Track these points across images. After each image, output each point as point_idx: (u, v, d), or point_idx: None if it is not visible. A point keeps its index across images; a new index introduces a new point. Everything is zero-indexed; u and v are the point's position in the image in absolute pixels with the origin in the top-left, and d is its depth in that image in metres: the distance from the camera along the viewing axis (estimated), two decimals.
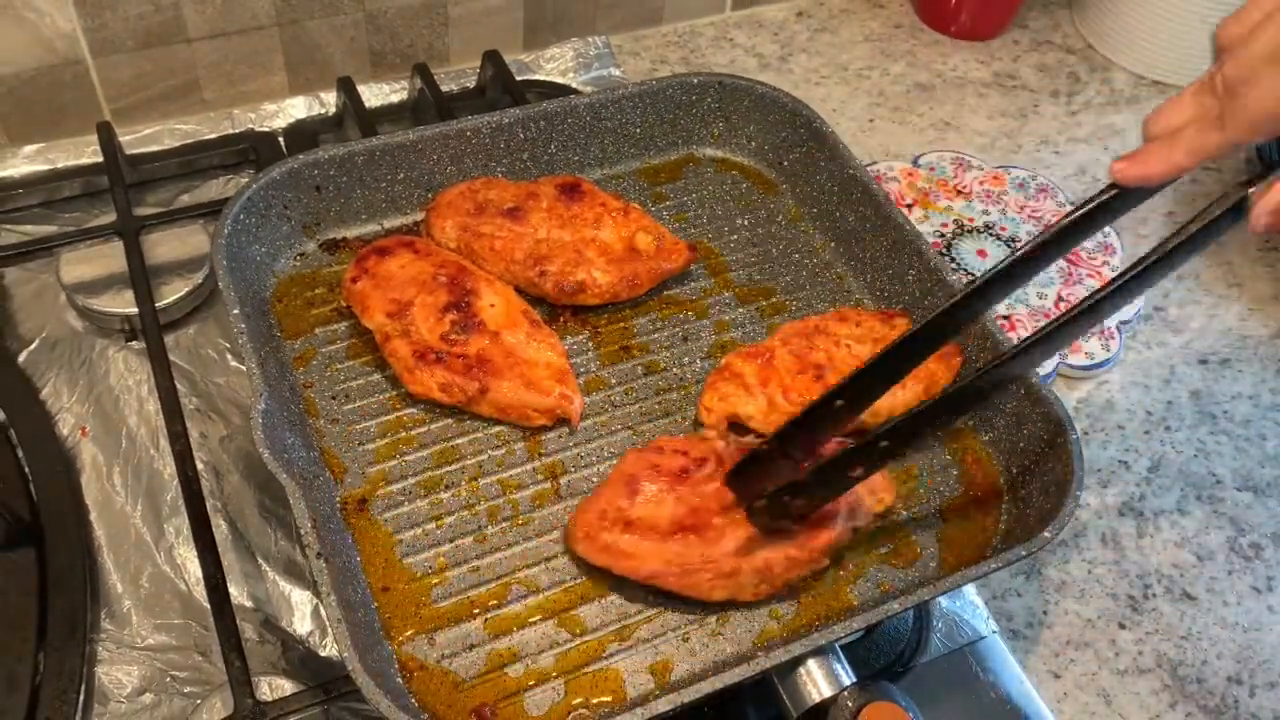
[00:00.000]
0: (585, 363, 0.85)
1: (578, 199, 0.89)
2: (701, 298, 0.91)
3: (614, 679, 0.68)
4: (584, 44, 1.20)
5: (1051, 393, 0.76)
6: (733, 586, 0.69)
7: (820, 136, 0.95)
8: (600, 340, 0.87)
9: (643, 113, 0.98)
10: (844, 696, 0.64)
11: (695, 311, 0.90)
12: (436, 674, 0.68)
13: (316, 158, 0.87)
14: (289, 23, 1.08)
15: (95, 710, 0.71)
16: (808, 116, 0.96)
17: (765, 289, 0.92)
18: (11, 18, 0.96)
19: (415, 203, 0.92)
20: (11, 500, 0.77)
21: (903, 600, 0.67)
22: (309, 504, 0.67)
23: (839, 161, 0.93)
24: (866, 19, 1.36)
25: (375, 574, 0.72)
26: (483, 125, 0.92)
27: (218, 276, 0.78)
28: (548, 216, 0.88)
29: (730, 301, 0.91)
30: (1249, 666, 0.81)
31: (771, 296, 0.91)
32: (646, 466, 0.72)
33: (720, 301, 0.91)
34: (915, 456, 0.81)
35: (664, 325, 0.89)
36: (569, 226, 0.88)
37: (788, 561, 0.69)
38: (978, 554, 0.76)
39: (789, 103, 0.97)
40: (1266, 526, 0.90)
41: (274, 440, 0.69)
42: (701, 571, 0.68)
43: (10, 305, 0.92)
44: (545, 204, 0.89)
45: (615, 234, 0.88)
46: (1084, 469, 0.72)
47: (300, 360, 0.82)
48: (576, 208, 0.89)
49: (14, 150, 1.02)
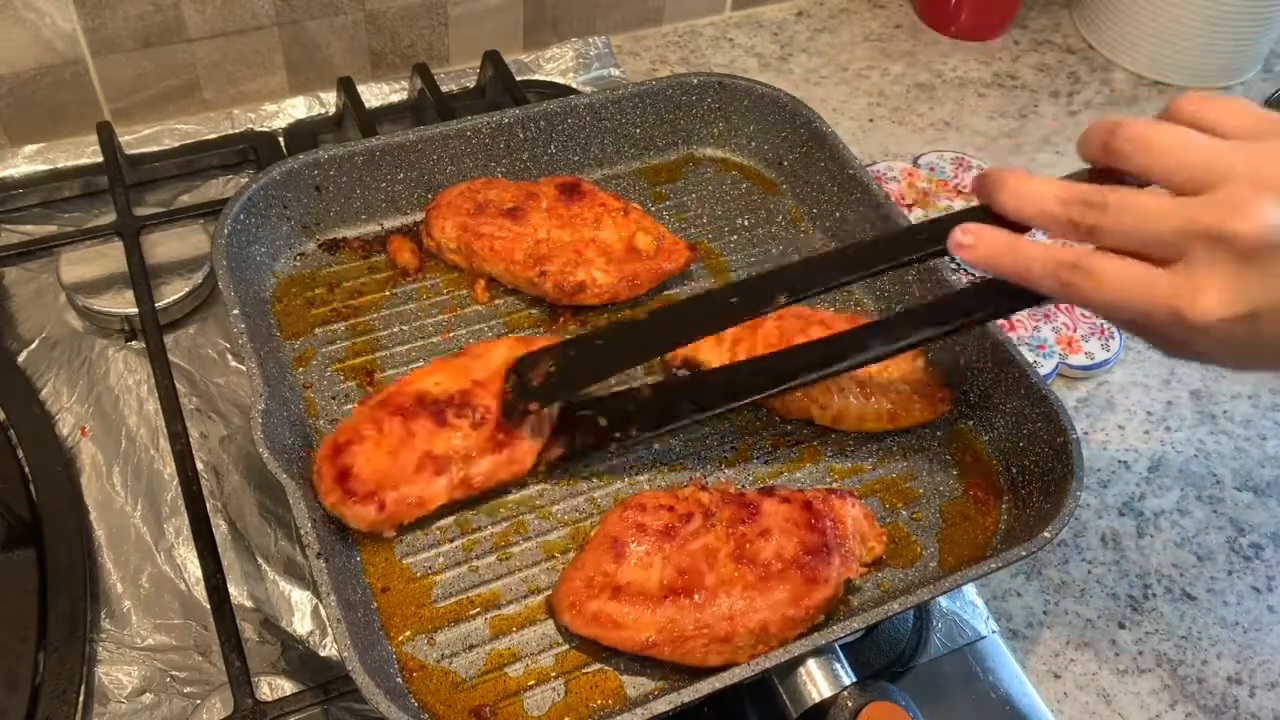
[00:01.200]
0: None
1: (578, 199, 0.89)
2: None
3: (613, 679, 0.68)
4: (584, 44, 1.20)
5: (1052, 392, 0.76)
6: (729, 651, 0.66)
7: (820, 136, 0.95)
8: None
9: (642, 113, 0.98)
10: (844, 696, 0.64)
11: None
12: (436, 674, 0.67)
13: (316, 158, 0.87)
14: (289, 23, 1.08)
15: (95, 710, 0.71)
16: (807, 116, 0.96)
17: None
18: (11, 18, 0.96)
19: (415, 203, 0.92)
20: (11, 500, 0.77)
21: (903, 600, 0.67)
22: (309, 504, 0.67)
23: (839, 161, 0.93)
24: (866, 19, 1.36)
25: (375, 574, 0.71)
26: (482, 125, 0.92)
27: (218, 276, 0.78)
28: (548, 216, 0.88)
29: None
30: (1249, 666, 0.82)
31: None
32: (631, 527, 0.70)
33: None
34: (916, 458, 0.81)
35: None
36: (569, 226, 0.88)
37: (784, 621, 0.67)
38: (978, 554, 0.76)
39: (788, 103, 0.97)
40: (1266, 526, 0.90)
41: (274, 440, 0.69)
42: (696, 638, 0.66)
43: (10, 305, 0.92)
44: (545, 204, 0.89)
45: (615, 234, 0.88)
46: (1084, 469, 0.72)
47: (300, 360, 0.82)
48: (576, 208, 0.89)
49: (14, 150, 1.02)
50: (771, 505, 0.71)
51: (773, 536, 0.69)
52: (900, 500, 0.79)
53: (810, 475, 0.80)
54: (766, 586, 0.67)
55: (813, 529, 0.70)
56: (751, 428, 0.82)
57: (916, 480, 0.80)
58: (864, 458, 0.81)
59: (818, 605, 0.68)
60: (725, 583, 0.67)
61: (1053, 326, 1.01)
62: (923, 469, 0.81)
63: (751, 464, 0.80)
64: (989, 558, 0.69)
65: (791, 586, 0.67)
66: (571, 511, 0.76)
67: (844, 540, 0.70)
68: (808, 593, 0.67)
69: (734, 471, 0.79)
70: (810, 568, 0.68)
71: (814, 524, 0.70)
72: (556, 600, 0.69)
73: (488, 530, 0.75)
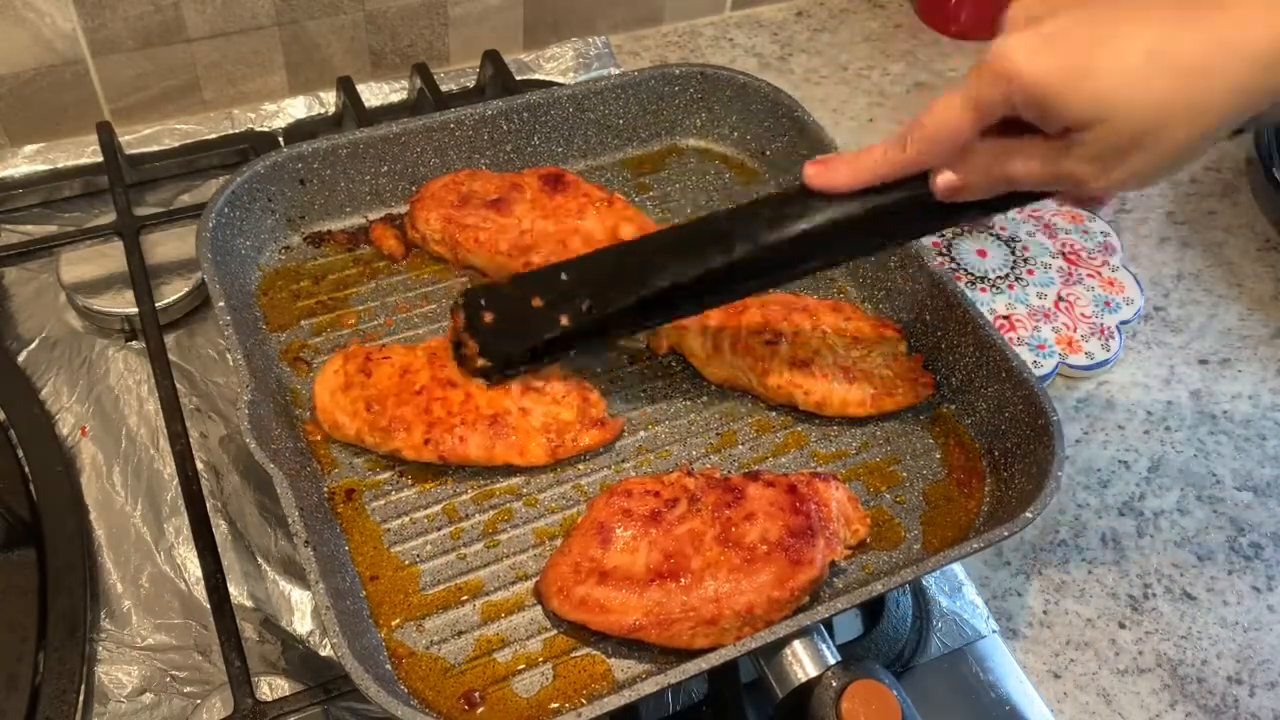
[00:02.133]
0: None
1: (561, 189, 0.89)
2: None
3: (601, 663, 0.69)
4: (584, 44, 1.20)
5: (1032, 375, 0.77)
6: (715, 633, 0.67)
7: (802, 126, 0.95)
8: None
9: (625, 104, 0.98)
10: (828, 675, 0.64)
11: None
12: (425, 660, 0.68)
13: (300, 151, 0.87)
14: (289, 23, 1.08)
15: (95, 710, 0.71)
16: (789, 106, 0.96)
17: None
18: (11, 18, 0.96)
19: (399, 195, 0.92)
20: (11, 500, 0.77)
21: (886, 581, 0.67)
22: (296, 493, 0.67)
23: (821, 150, 0.93)
24: (866, 19, 1.36)
25: (364, 562, 0.72)
26: (466, 117, 0.92)
27: (203, 270, 0.78)
28: (531, 207, 0.88)
29: None
30: (1249, 666, 0.82)
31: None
32: (617, 512, 0.71)
33: None
34: (899, 442, 0.82)
35: None
36: (553, 217, 0.88)
37: (769, 603, 0.67)
38: (961, 535, 0.76)
39: (770, 92, 0.97)
40: (1266, 526, 0.90)
41: (261, 431, 0.69)
42: (682, 621, 0.67)
43: (10, 305, 0.92)
44: (529, 195, 0.89)
45: (599, 224, 0.88)
46: (1065, 450, 0.73)
47: (286, 352, 0.82)
48: (560, 198, 0.89)
49: (14, 150, 1.02)
50: (756, 489, 0.72)
51: (758, 520, 0.70)
52: (884, 483, 0.79)
53: (794, 460, 0.80)
54: (752, 569, 0.68)
55: (797, 512, 0.70)
56: (735, 414, 0.83)
57: (900, 464, 0.81)
58: (847, 442, 0.82)
59: (802, 587, 0.68)
60: (711, 566, 0.68)
61: (1052, 326, 1.01)
62: (906, 452, 0.81)
63: (736, 449, 0.80)
64: (971, 539, 0.70)
65: (776, 569, 0.68)
66: (558, 498, 0.77)
67: (828, 523, 0.71)
68: (792, 575, 0.68)
69: (719, 457, 0.80)
70: (795, 550, 0.69)
71: (798, 507, 0.71)
72: (544, 586, 0.70)
73: (475, 518, 0.75)
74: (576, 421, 0.78)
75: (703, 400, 0.83)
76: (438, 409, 0.75)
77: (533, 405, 0.77)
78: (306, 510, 0.67)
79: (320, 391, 0.77)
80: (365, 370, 0.77)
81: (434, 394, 0.76)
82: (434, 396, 0.76)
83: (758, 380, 0.81)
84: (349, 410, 0.75)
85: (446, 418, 0.75)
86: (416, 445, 0.75)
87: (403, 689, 0.66)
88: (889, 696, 0.63)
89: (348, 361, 0.78)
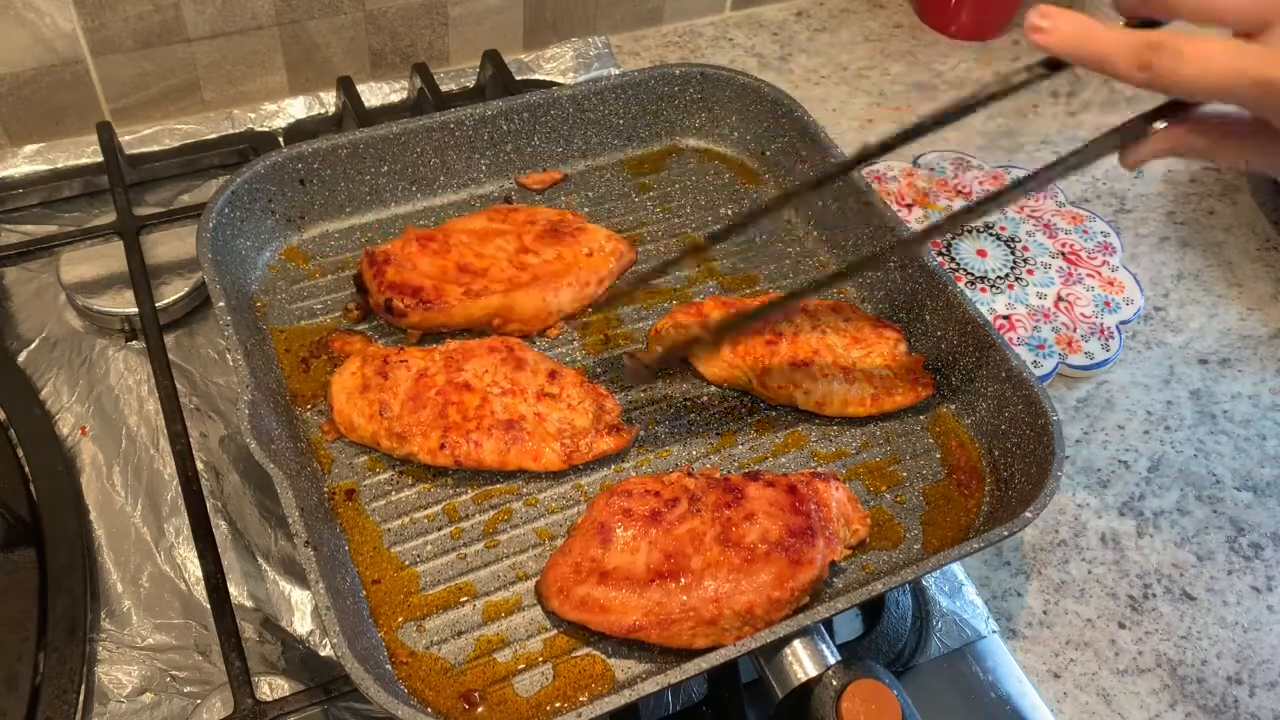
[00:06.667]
0: (570, 353, 0.85)
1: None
2: (685, 287, 0.91)
3: (601, 663, 0.69)
4: (584, 44, 1.20)
5: (1032, 375, 0.77)
6: (715, 633, 0.67)
7: (802, 126, 0.95)
8: (585, 330, 0.87)
9: (626, 104, 0.98)
10: (828, 675, 0.64)
11: (679, 300, 0.90)
12: (425, 660, 0.68)
13: (300, 151, 0.87)
14: (289, 23, 1.08)
15: (95, 710, 0.71)
16: (789, 106, 0.96)
17: (749, 277, 0.92)
18: (11, 18, 0.96)
19: (399, 195, 0.92)
20: (11, 500, 0.77)
21: (886, 580, 0.67)
22: (296, 493, 0.67)
23: (821, 151, 0.93)
24: (866, 19, 1.36)
25: (364, 563, 0.72)
26: (466, 117, 0.92)
27: (203, 270, 0.78)
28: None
29: (714, 290, 0.91)
30: (1249, 666, 0.82)
31: (755, 285, 0.92)
32: (618, 512, 0.71)
33: (704, 290, 0.91)
34: (898, 442, 0.82)
35: (648, 315, 0.89)
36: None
37: (769, 602, 0.67)
38: (960, 535, 0.76)
39: (770, 93, 0.97)
40: (1266, 526, 0.90)
41: (261, 431, 0.69)
42: (682, 621, 0.67)
43: (10, 305, 0.92)
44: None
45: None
46: (1064, 450, 0.73)
47: (287, 353, 0.82)
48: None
49: (14, 150, 1.02)
50: (756, 489, 0.72)
51: (757, 520, 0.70)
52: (884, 483, 0.79)
53: (795, 460, 0.80)
54: (752, 569, 0.68)
55: (797, 512, 0.70)
56: (736, 414, 0.83)
57: (899, 464, 0.81)
58: (847, 442, 0.82)
59: (802, 587, 0.68)
60: (711, 566, 0.68)
61: (1052, 326, 1.01)
62: (905, 452, 0.81)
63: (736, 449, 0.81)
64: (971, 539, 0.70)
65: (776, 568, 0.68)
66: (558, 498, 0.77)
67: (828, 523, 0.71)
68: (792, 574, 0.68)
69: (719, 457, 0.80)
70: (795, 550, 0.69)
71: (798, 507, 0.71)
72: (544, 586, 0.70)
73: (475, 518, 0.75)
74: (591, 428, 0.78)
75: (703, 400, 0.83)
76: (453, 413, 0.75)
77: (548, 411, 0.77)
78: (306, 510, 0.67)
79: (337, 393, 0.77)
80: (382, 373, 0.77)
81: (450, 398, 0.76)
82: (450, 400, 0.76)
83: (758, 380, 0.81)
84: (365, 413, 0.76)
85: (462, 423, 0.75)
86: (432, 450, 0.75)
87: (403, 689, 0.66)
88: (889, 696, 0.62)
89: (365, 364, 0.78)
